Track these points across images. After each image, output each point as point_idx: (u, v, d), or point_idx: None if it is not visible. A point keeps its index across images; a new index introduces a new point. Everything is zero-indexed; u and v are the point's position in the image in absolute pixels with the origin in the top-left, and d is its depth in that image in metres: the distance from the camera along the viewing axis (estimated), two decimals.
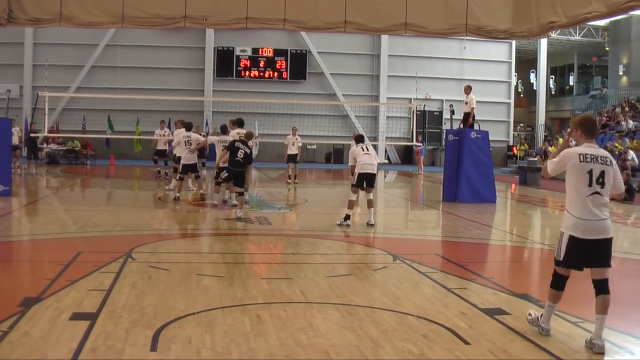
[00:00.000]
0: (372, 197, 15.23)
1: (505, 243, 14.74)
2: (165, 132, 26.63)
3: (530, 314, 7.18)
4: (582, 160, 6.60)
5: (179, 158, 20.30)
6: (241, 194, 16.20)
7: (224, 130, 18.46)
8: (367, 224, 14.95)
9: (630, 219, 19.32)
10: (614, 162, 6.81)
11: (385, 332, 6.89)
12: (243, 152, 15.77)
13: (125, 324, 6.88)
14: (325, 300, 8.20)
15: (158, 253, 11.40)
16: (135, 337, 6.47)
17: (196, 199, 19.62)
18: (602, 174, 6.57)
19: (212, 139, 19.16)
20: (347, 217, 14.75)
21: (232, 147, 15.91)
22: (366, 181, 15.05)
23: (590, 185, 6.54)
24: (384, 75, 47.01)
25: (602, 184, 6.57)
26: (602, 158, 6.64)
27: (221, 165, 16.91)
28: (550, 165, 6.92)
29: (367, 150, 15.23)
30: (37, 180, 27.15)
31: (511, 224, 18.33)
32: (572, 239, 6.61)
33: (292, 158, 26.84)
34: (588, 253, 6.62)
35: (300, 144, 27.50)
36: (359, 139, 15.87)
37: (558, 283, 6.86)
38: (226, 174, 16.19)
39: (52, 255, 11.00)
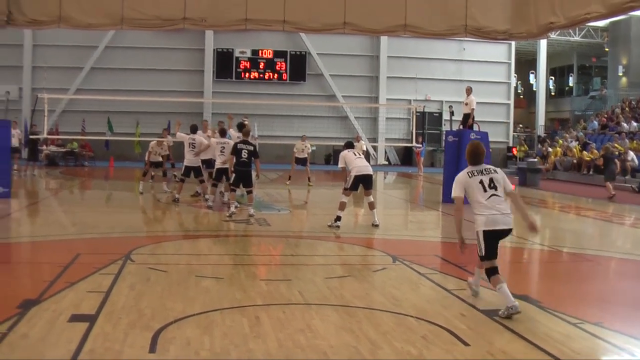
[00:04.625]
0: (372, 200, 15.28)
1: (504, 244, 14.67)
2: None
3: (470, 286, 8.78)
4: (470, 176, 8.12)
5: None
6: (250, 192, 16.65)
7: (223, 134, 18.49)
8: (372, 225, 15.02)
9: (630, 219, 19.35)
10: (499, 169, 8.29)
11: (384, 333, 6.89)
12: (246, 151, 16.11)
13: (124, 326, 6.88)
14: (324, 301, 8.19)
15: (157, 255, 11.42)
16: (134, 339, 6.47)
17: (193, 201, 19.62)
18: (491, 180, 8.04)
19: (213, 141, 19.11)
20: (338, 219, 14.75)
21: (235, 150, 16.23)
22: (363, 183, 15.04)
23: (485, 190, 7.99)
24: (383, 76, 46.99)
25: (495, 188, 8.01)
26: (486, 170, 8.17)
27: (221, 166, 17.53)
28: (454, 194, 8.29)
29: (360, 155, 15.50)
30: (36, 182, 27.14)
31: None
32: (485, 233, 7.92)
33: (301, 161, 27.27)
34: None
35: (310, 150, 27.75)
36: (349, 145, 16.03)
37: (493, 272, 7.88)
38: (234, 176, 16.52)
39: (51, 257, 10.97)
